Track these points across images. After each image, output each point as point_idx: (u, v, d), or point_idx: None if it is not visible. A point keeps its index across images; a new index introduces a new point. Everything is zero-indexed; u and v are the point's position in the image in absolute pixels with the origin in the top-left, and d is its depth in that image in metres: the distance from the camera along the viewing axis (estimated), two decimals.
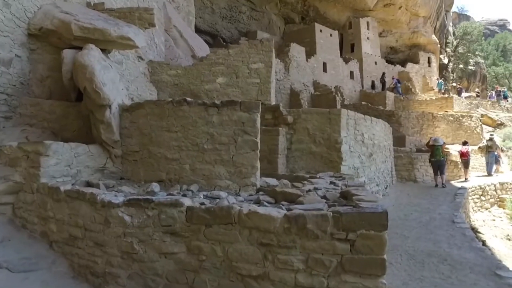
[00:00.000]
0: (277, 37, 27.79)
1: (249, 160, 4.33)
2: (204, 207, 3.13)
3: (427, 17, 34.51)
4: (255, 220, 2.90)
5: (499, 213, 11.63)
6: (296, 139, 8.67)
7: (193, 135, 4.51)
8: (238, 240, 2.96)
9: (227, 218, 3.01)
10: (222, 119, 4.40)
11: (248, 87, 9.20)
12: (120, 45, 6.06)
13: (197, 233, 3.13)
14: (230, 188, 4.32)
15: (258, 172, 4.38)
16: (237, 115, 4.34)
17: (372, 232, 2.64)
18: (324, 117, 8.47)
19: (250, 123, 4.32)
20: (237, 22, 28.51)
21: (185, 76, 9.37)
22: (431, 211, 9.11)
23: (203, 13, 26.82)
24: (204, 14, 27.01)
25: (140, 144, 4.90)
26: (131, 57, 8.80)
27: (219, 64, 9.25)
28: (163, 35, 12.00)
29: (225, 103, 4.43)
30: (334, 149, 8.35)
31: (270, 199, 3.74)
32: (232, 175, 4.35)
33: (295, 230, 2.76)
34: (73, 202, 3.81)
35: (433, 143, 12.43)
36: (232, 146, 4.36)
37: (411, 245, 6.35)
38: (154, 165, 4.73)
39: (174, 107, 4.60)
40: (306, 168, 8.65)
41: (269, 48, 9.16)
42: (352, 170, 8.74)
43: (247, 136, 4.33)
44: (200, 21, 26.13)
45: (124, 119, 5.08)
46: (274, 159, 8.31)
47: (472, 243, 6.43)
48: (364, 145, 9.40)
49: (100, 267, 3.54)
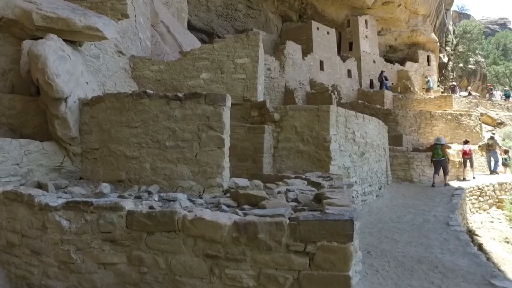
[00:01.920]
0: (274, 36, 27.39)
1: (214, 159, 3.90)
2: (145, 211, 2.70)
3: (426, 16, 34.06)
4: (200, 227, 2.47)
5: (498, 215, 11.18)
6: (283, 137, 8.24)
7: (154, 131, 4.08)
8: (182, 250, 2.54)
9: (170, 225, 2.59)
10: (185, 113, 3.97)
11: (234, 82, 8.76)
12: (87, 36, 5.63)
13: (138, 242, 2.71)
14: (194, 189, 3.89)
15: (225, 171, 3.95)
16: (201, 108, 3.91)
17: (335, 244, 2.21)
18: (312, 114, 8.04)
19: (216, 118, 3.89)
20: (233, 20, 28.09)
21: (167, 72, 8.94)
22: (426, 213, 8.68)
23: (198, 11, 26.46)
24: (200, 12, 26.64)
25: (100, 141, 4.48)
26: (110, 52, 8.37)
27: (203, 59, 8.81)
28: (149, 30, 11.59)
29: (188, 95, 4.01)
30: (323, 147, 7.91)
31: (232, 202, 3.32)
32: (196, 175, 3.92)
33: (244, 240, 2.34)
34: (12, 205, 3.39)
35: (434, 142, 12.33)
36: (196, 143, 3.93)
37: (401, 250, 5.91)
38: (114, 164, 4.31)
39: (134, 100, 4.18)
40: (294, 168, 8.22)
41: (255, 42, 8.72)
42: (342, 170, 8.30)
43: (212, 132, 3.90)
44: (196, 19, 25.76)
45: (84, 114, 4.66)
46: (259, 159, 7.88)
47: (466, 248, 5.98)
48: (356, 143, 8.95)
49: (36, 278, 3.13)
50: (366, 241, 6.40)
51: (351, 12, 30.27)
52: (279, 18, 30.47)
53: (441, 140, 12.37)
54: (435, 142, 12.39)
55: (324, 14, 29.61)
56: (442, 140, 12.45)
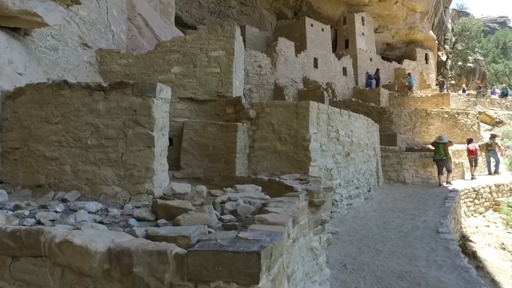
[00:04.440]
0: (268, 33, 26.75)
1: (143, 160, 3.24)
2: (10, 230, 2.04)
3: (424, 13, 33.40)
4: (67, 254, 1.82)
5: (494, 218, 10.50)
6: (259, 136, 7.58)
7: (75, 127, 3.43)
8: (48, 283, 1.89)
9: (36, 249, 1.94)
10: (109, 106, 3.31)
11: (207, 77, 8.09)
12: (25, 21, 4.97)
13: (2, 269, 2.05)
14: (118, 197, 3.24)
15: (156, 176, 3.29)
16: (128, 100, 3.25)
17: (234, 286, 1.54)
18: (290, 111, 7.38)
19: (144, 111, 3.23)
20: (226, 17, 27.41)
21: (136, 66, 8.28)
22: (416, 217, 8.02)
23: (190, 7, 25.88)
24: (191, 9, 26.06)
25: (21, 140, 3.82)
26: (72, 44, 7.73)
27: (175, 52, 8.14)
28: (125, 23, 10.95)
29: (114, 85, 3.34)
30: (302, 147, 7.25)
31: (149, 215, 2.66)
32: (122, 180, 3.27)
33: (118, 275, 1.68)
34: None
35: (436, 141, 11.96)
36: (122, 142, 3.28)
37: (382, 263, 5.25)
38: (33, 165, 3.66)
39: (54, 92, 3.52)
40: (271, 169, 7.56)
41: (230, 34, 8.05)
42: (324, 171, 7.63)
43: (140, 129, 3.25)
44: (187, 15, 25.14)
45: (7, 109, 4.02)
46: (231, 159, 7.23)
47: (455, 260, 5.32)
48: (340, 143, 8.28)
49: None
50: (344, 251, 5.75)
51: (347, 9, 29.63)
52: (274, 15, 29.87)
53: (443, 139, 11.95)
54: (437, 140, 11.97)
55: (320, 11, 28.98)
56: (444, 139, 12.01)
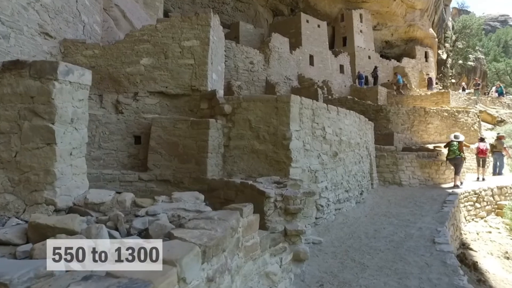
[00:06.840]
0: (264, 30, 26.05)
1: (41, 161, 2.48)
2: None
3: (424, 10, 32.67)
4: None
5: (497, 223, 9.72)
6: (235, 134, 6.82)
7: None
8: None
9: None
10: (1, 91, 2.55)
11: (180, 69, 7.32)
12: None
13: None
14: (10, 207, 2.47)
15: (61, 181, 2.53)
16: (24, 84, 2.50)
17: None
18: (269, 106, 6.62)
19: (43, 98, 2.48)
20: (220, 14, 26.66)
21: (103, 57, 7.51)
22: (410, 224, 7.26)
23: (182, 3, 25.27)
24: (184, 5, 25.43)
25: None
26: (28, 32, 6.96)
27: (144, 41, 7.38)
28: (100, 14, 10.18)
29: (7, 64, 2.59)
30: (282, 146, 6.49)
31: (19, 236, 1.90)
32: (17, 186, 2.51)
33: None
34: None
35: (451, 139, 11.29)
36: (16, 137, 2.52)
37: (366, 282, 4.47)
38: None
39: None
40: (248, 171, 6.80)
41: (205, 22, 7.28)
42: (308, 173, 6.86)
43: (38, 120, 2.49)
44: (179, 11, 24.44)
45: None
46: (203, 160, 6.47)
47: (453, 278, 4.54)
48: (326, 141, 7.50)
49: None
50: (325, 267, 4.96)
51: (345, 6, 28.90)
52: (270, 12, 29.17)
53: (459, 137, 11.25)
54: (452, 138, 11.24)
55: (317, 7, 28.26)
56: (460, 137, 11.30)
